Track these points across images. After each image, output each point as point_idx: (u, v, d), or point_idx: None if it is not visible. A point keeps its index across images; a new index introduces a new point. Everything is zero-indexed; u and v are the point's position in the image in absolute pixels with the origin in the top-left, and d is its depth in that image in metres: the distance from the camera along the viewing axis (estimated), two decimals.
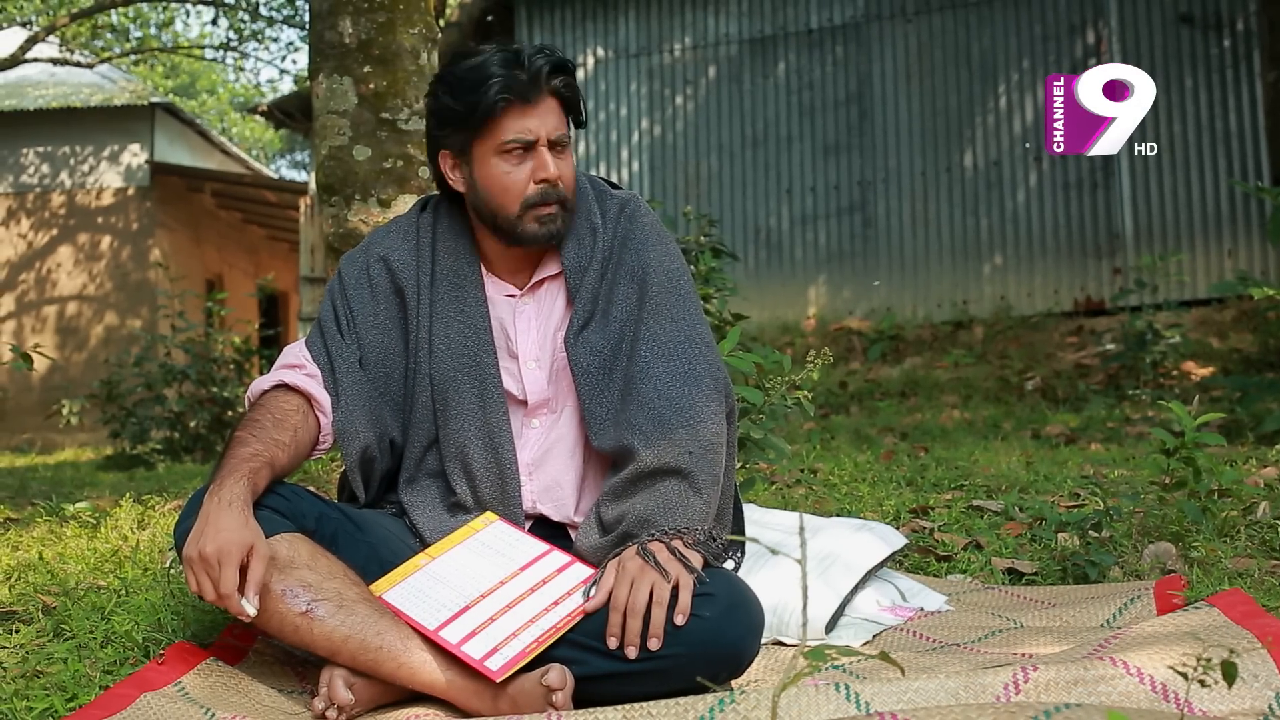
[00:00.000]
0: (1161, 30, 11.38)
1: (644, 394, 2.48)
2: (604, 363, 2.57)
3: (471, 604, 2.29)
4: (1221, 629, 2.27)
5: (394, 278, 2.67)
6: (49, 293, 17.32)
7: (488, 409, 2.59)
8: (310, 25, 4.41)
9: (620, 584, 2.23)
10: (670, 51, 12.93)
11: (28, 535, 4.01)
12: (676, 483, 2.38)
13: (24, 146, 17.55)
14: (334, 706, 2.20)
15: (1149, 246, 11.08)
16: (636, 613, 2.18)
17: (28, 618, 2.78)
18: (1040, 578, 3.39)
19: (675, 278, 2.65)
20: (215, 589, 2.14)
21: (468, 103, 2.49)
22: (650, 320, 2.57)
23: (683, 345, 2.55)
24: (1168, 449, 3.61)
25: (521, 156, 2.52)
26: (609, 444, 2.50)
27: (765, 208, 12.51)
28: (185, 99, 32.73)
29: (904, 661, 2.44)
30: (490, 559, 2.40)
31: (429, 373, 2.63)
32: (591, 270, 2.62)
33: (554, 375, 2.64)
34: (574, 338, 2.59)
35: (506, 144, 2.50)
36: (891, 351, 11.15)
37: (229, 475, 2.28)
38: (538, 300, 2.68)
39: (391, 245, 2.70)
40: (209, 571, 2.14)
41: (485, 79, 2.46)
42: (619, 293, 2.61)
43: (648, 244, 2.66)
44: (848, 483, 4.85)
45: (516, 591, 2.32)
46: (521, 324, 2.66)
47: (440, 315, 2.64)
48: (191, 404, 10.30)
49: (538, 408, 2.65)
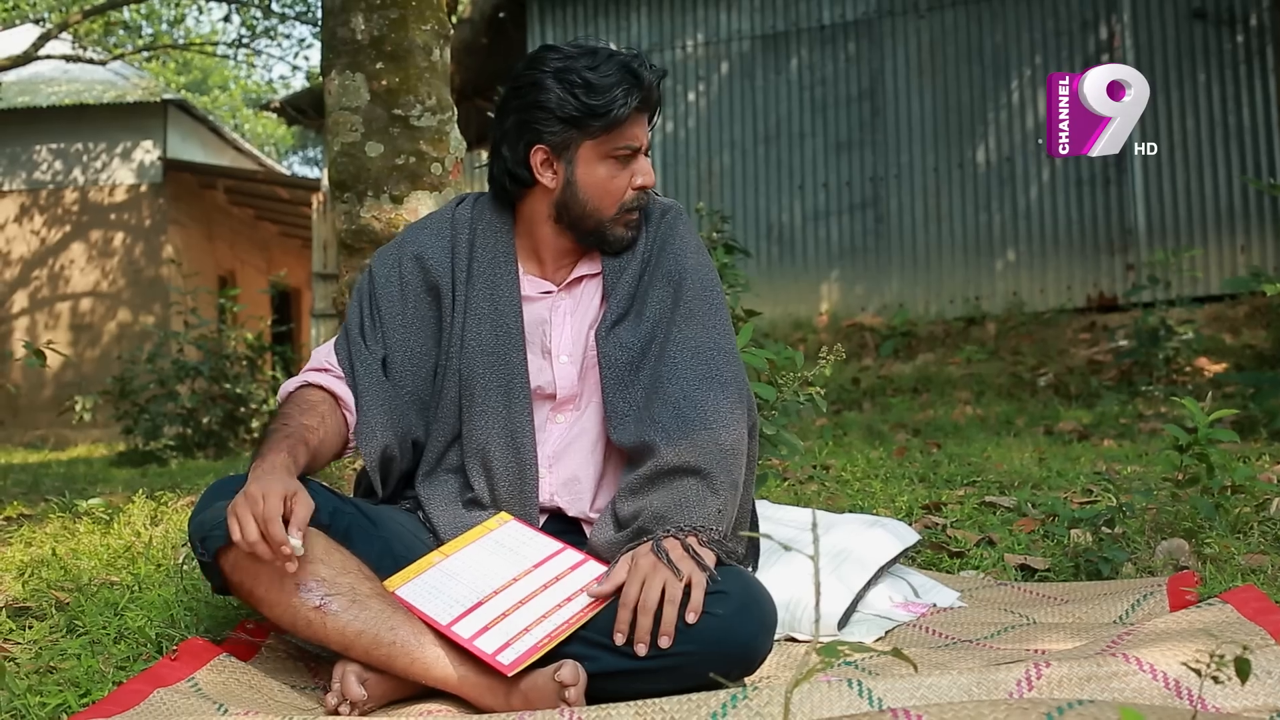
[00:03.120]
0: (1174, 26, 11.34)
1: (670, 394, 2.49)
2: (632, 359, 2.59)
3: (485, 600, 2.29)
4: (1235, 625, 2.26)
5: (427, 275, 2.67)
6: (62, 289, 17.37)
7: (512, 407, 2.60)
8: (323, 21, 4.42)
9: (632, 580, 2.23)
10: (682, 48, 12.92)
11: (41, 531, 4.02)
12: (694, 482, 2.38)
13: (37, 143, 17.60)
14: (347, 702, 2.20)
15: (1162, 242, 11.05)
16: (647, 610, 2.18)
17: (41, 613, 2.79)
18: (1053, 574, 3.38)
19: (710, 286, 2.67)
20: (258, 523, 2.13)
21: (592, 104, 2.50)
22: (683, 324, 2.59)
23: (712, 351, 2.57)
24: (1181, 445, 3.60)
25: (626, 162, 2.57)
26: (629, 439, 2.50)
27: (777, 204, 12.50)
28: (198, 95, 32.74)
29: (917, 658, 2.44)
30: (504, 556, 2.40)
31: (458, 368, 2.63)
32: (630, 271, 2.66)
33: (584, 371, 2.65)
34: (605, 332, 2.61)
35: (619, 149, 2.55)
36: (904, 348, 11.13)
37: (267, 451, 2.34)
38: (574, 297, 2.70)
39: (426, 242, 2.70)
40: (252, 508, 2.15)
41: (616, 84, 2.49)
42: (654, 294, 2.63)
43: (685, 250, 2.69)
44: (860, 479, 4.85)
45: (530, 588, 2.32)
46: (557, 319, 2.67)
47: (474, 311, 2.64)
48: (204, 400, 10.34)
49: (565, 402, 2.66)
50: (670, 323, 2.60)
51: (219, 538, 2.25)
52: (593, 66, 2.50)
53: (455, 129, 4.38)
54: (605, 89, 2.48)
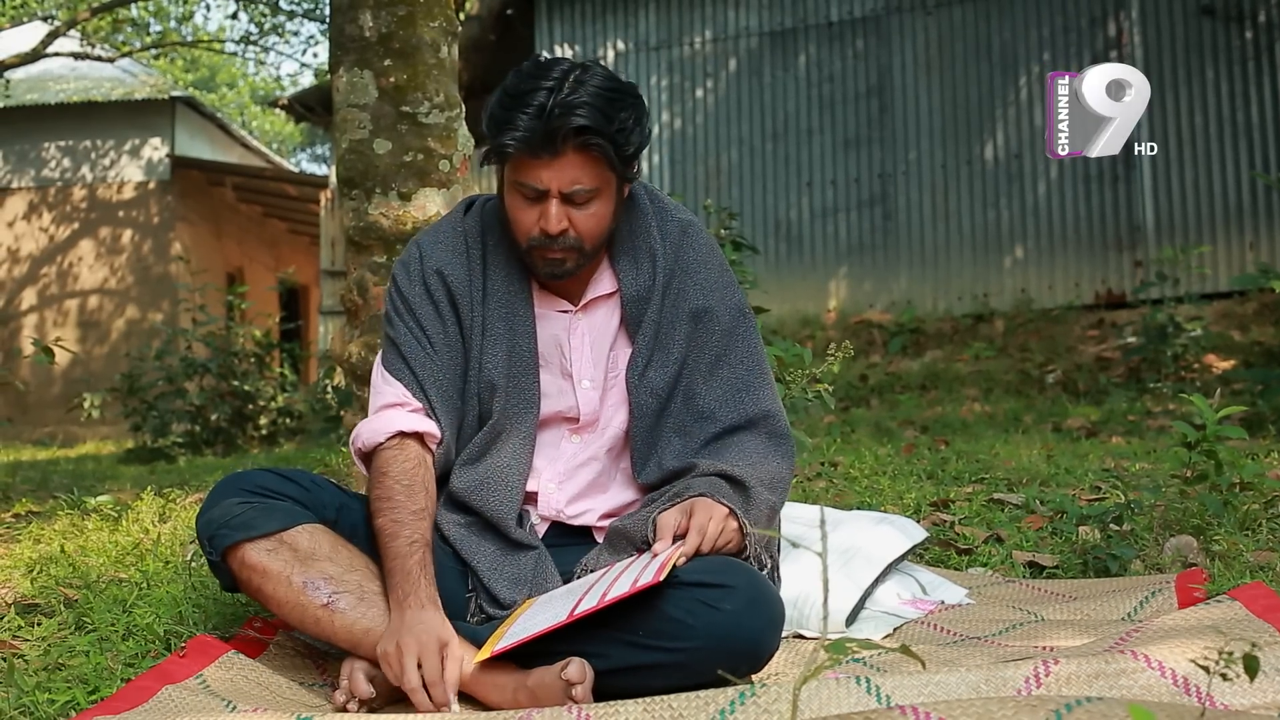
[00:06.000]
0: (1183, 22, 11.32)
1: (700, 438, 2.54)
2: (660, 405, 2.57)
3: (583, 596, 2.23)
4: (1243, 622, 2.26)
5: (451, 294, 2.58)
6: (70, 286, 17.40)
7: (514, 431, 2.57)
8: (330, 19, 4.42)
9: (699, 512, 2.31)
10: (690, 44, 12.92)
11: (49, 528, 4.02)
12: (728, 486, 2.43)
13: (45, 141, 17.63)
14: (355, 699, 2.21)
15: (1170, 239, 11.03)
16: (708, 537, 2.28)
17: (50, 610, 2.79)
18: (1061, 571, 3.38)
19: (735, 316, 2.63)
20: (416, 676, 2.16)
21: (491, 134, 2.38)
22: (708, 367, 2.59)
23: (740, 393, 2.57)
24: (1189, 442, 3.60)
25: (533, 199, 2.42)
26: (653, 479, 2.53)
27: (785, 201, 12.49)
28: (205, 93, 32.83)
29: (925, 655, 2.44)
30: (564, 598, 2.32)
31: (476, 390, 2.57)
32: (652, 303, 2.58)
33: (604, 394, 2.62)
34: (638, 379, 2.57)
35: (522, 185, 2.41)
36: (912, 344, 11.12)
37: (406, 583, 2.29)
38: (590, 317, 2.62)
39: (444, 259, 2.59)
40: (403, 660, 2.17)
41: (509, 121, 2.33)
42: (678, 331, 2.58)
43: (709, 283, 2.62)
44: (868, 476, 4.84)
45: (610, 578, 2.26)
46: (575, 341, 2.60)
47: (490, 333, 2.57)
48: (212, 397, 10.35)
49: (585, 426, 2.62)
50: (696, 361, 2.58)
51: (227, 536, 2.25)
52: (514, 92, 2.35)
53: (463, 126, 4.38)
54: (502, 121, 2.35)
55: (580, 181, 2.38)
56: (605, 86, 2.36)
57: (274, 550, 2.27)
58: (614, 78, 2.41)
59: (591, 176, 2.39)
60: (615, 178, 2.45)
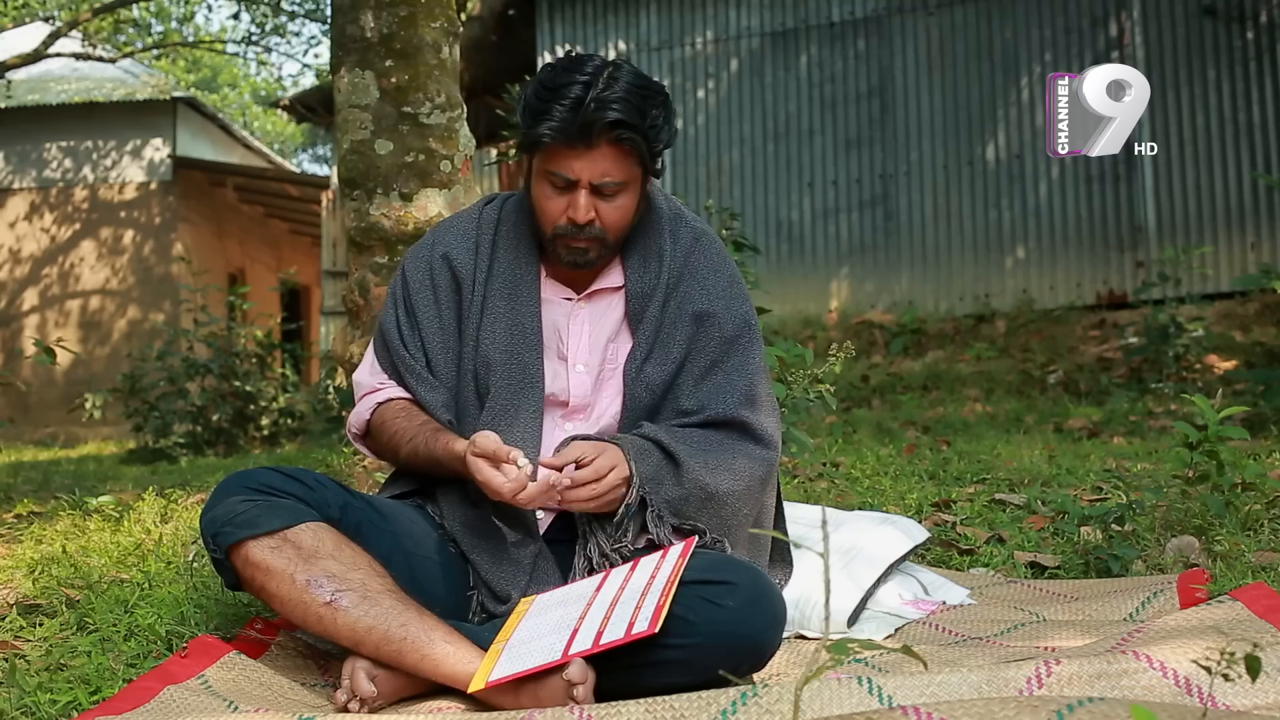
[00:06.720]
0: (1184, 23, 11.32)
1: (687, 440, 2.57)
2: (654, 400, 2.63)
3: (577, 626, 2.22)
4: (1245, 623, 2.26)
5: (454, 273, 2.70)
6: (72, 287, 17.41)
7: (523, 408, 2.60)
8: (332, 19, 4.42)
9: (607, 458, 2.42)
10: (691, 45, 12.92)
11: (51, 529, 4.03)
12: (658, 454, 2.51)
13: (47, 141, 17.64)
14: (356, 699, 2.21)
15: (1171, 239, 11.03)
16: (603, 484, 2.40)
17: (51, 611, 2.79)
18: (1063, 571, 3.38)
19: (739, 326, 2.69)
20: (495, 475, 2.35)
21: (524, 119, 2.49)
22: (702, 370, 2.64)
23: (724, 395, 2.61)
24: (1191, 442, 3.60)
25: (563, 189, 2.52)
26: None
27: (787, 201, 12.50)
28: (207, 93, 32.83)
29: (927, 655, 2.44)
30: (558, 609, 2.32)
31: (472, 368, 2.64)
32: (655, 301, 2.66)
33: (599, 383, 2.67)
34: (635, 372, 2.63)
35: (552, 174, 2.51)
36: (913, 345, 11.12)
37: (439, 438, 2.53)
38: (593, 307, 2.70)
39: (452, 242, 2.73)
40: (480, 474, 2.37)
41: (547, 112, 2.43)
42: (681, 331, 2.65)
43: (716, 289, 2.70)
44: (870, 476, 4.84)
45: (606, 603, 2.26)
46: (575, 327, 2.68)
47: (490, 310, 2.66)
48: (214, 398, 10.36)
49: (576, 410, 2.66)
50: (691, 370, 2.63)
51: (231, 534, 2.26)
52: (550, 85, 2.46)
53: (465, 126, 4.38)
54: (538, 112, 2.45)
55: (610, 174, 2.50)
56: (637, 83, 2.48)
57: (278, 548, 2.27)
58: (644, 75, 2.52)
59: (621, 170, 2.52)
60: (642, 173, 2.59)
